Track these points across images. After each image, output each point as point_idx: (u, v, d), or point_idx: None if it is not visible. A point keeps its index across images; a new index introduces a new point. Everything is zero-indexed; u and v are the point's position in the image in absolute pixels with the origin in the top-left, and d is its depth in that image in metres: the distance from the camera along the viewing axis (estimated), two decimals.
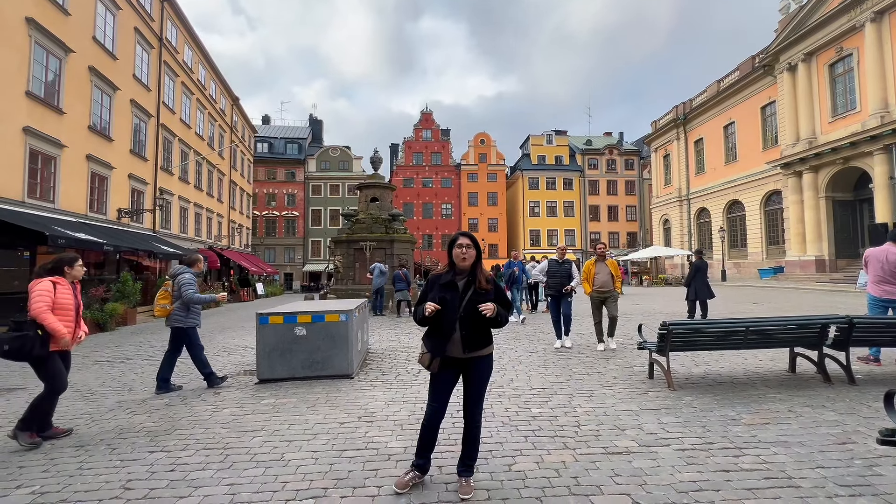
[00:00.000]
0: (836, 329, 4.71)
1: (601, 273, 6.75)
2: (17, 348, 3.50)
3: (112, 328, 11.24)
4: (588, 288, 6.82)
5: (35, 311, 3.52)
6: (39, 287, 3.61)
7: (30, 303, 3.55)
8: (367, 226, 15.27)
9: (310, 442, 3.39)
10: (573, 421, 3.74)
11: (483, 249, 2.88)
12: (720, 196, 29.55)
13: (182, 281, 5.04)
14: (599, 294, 6.73)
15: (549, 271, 7.16)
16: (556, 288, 6.97)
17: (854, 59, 19.89)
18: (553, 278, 7.03)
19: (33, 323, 3.54)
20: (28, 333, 3.51)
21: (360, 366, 5.86)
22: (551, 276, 7.06)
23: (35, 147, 11.65)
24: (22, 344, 3.50)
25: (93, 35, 14.24)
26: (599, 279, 6.73)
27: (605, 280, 6.68)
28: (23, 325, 3.55)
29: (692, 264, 9.94)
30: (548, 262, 7.29)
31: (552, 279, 7.05)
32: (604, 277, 6.70)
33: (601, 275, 6.73)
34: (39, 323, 3.54)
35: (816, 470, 2.77)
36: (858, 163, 19.65)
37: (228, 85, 29.29)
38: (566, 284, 6.90)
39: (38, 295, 3.57)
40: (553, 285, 7.02)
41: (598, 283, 6.72)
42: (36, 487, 2.76)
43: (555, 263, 7.10)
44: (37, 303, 3.54)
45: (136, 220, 17.16)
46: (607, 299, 6.72)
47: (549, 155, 47.20)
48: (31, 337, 3.51)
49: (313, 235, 45.02)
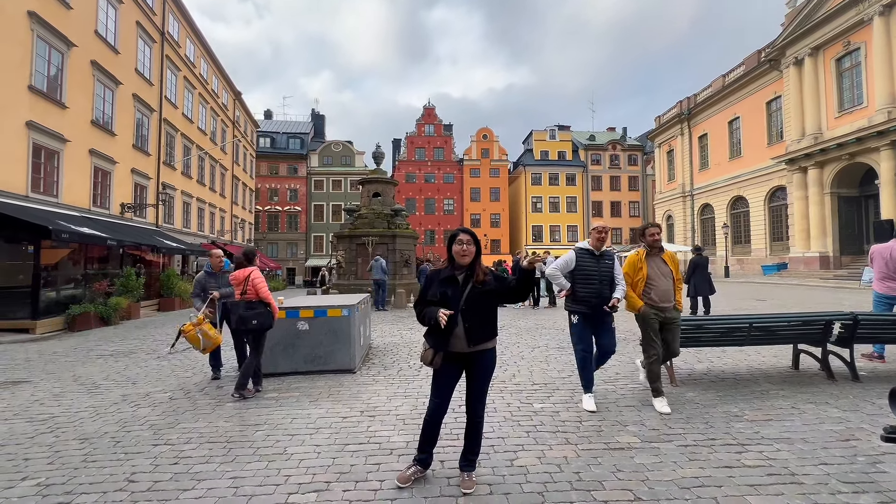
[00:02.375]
0: (841, 326, 4.69)
1: (657, 275, 3.96)
2: (261, 323, 4.42)
3: (116, 322, 11.30)
4: (636, 301, 3.98)
5: (264, 294, 4.47)
6: (256, 274, 4.52)
7: (254, 286, 4.42)
8: (370, 221, 15.26)
9: (312, 436, 3.41)
10: (575, 416, 3.74)
11: (485, 245, 2.87)
12: (724, 192, 29.37)
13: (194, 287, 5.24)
14: (657, 312, 3.93)
15: (577, 269, 3.96)
16: (592, 300, 3.85)
17: (861, 54, 19.66)
18: (584, 282, 3.90)
19: (262, 303, 4.44)
20: (265, 311, 4.44)
21: (362, 361, 5.88)
22: (582, 279, 3.92)
23: (38, 141, 11.66)
24: (264, 319, 4.44)
25: (95, 29, 14.20)
26: (656, 285, 3.94)
27: (667, 289, 3.94)
28: (255, 305, 4.42)
29: (690, 261, 9.93)
30: (575, 255, 4.01)
31: (583, 283, 3.90)
32: (663, 283, 3.94)
33: (658, 279, 3.95)
34: (267, 302, 4.46)
35: (819, 466, 2.76)
36: (864, 158, 19.48)
37: (231, 79, 29.22)
38: (608, 294, 3.86)
39: (261, 280, 4.50)
40: (585, 295, 3.87)
41: (658, 292, 3.92)
42: (41, 479, 2.79)
43: (588, 257, 3.98)
44: (263, 287, 4.48)
45: (140, 215, 17.19)
46: (667, 322, 3.96)
47: (552, 150, 46.96)
48: (268, 313, 4.47)
49: (315, 231, 45.05)
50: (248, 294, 4.43)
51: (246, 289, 4.43)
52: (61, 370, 6.02)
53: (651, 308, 3.95)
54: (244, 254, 4.66)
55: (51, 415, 4.08)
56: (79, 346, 8.05)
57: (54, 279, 11.26)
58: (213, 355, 5.26)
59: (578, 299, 3.92)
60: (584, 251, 4.03)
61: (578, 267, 3.96)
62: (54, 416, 4.05)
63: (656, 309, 3.95)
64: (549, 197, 45.94)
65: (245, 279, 4.45)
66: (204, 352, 4.85)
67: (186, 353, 7.08)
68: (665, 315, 3.95)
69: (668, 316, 3.96)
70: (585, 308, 3.89)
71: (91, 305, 10.88)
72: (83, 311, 10.55)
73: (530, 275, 2.62)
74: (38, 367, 6.32)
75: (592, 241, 4.06)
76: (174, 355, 6.86)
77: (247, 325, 4.36)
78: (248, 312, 4.36)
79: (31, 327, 9.67)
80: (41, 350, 7.77)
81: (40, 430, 3.69)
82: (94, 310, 10.79)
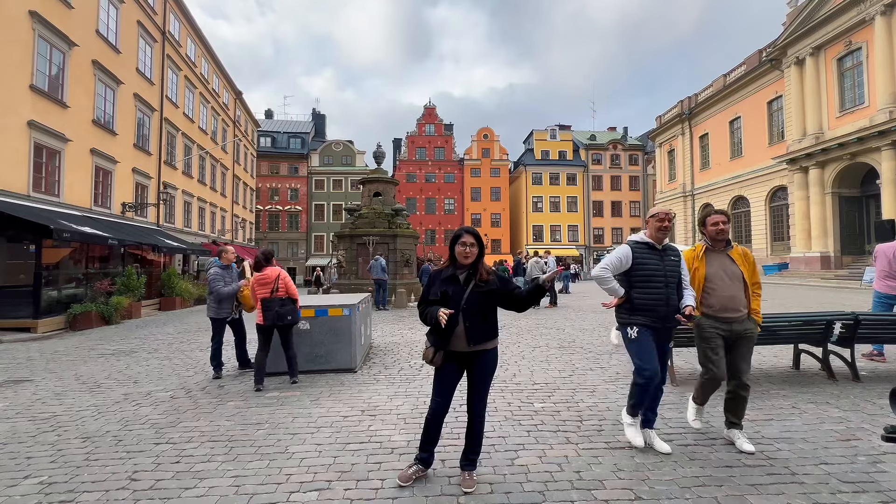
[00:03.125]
0: (842, 326, 4.69)
1: (720, 276, 3.10)
2: (294, 318, 4.91)
3: (117, 321, 11.32)
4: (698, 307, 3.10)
5: (294, 291, 4.97)
6: (285, 273, 4.99)
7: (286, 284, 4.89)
8: (370, 221, 15.26)
9: (314, 435, 3.41)
10: (576, 416, 3.74)
11: (486, 245, 2.87)
12: (725, 192, 29.34)
13: (210, 276, 5.38)
14: (717, 324, 3.07)
15: (634, 269, 3.03)
16: (659, 307, 2.95)
17: (863, 53, 19.62)
18: (645, 285, 2.99)
19: (291, 299, 4.90)
20: (295, 307, 4.92)
21: (363, 360, 5.89)
22: (642, 281, 3.00)
23: (40, 141, 11.68)
24: (296, 315, 4.94)
25: (96, 29, 14.22)
26: (717, 290, 3.08)
27: (733, 294, 3.06)
28: (287, 302, 4.85)
29: None
30: (630, 251, 3.07)
31: (643, 287, 2.99)
32: (727, 287, 3.07)
33: (721, 281, 3.09)
34: (295, 298, 4.95)
35: (820, 466, 2.77)
36: (866, 158, 19.45)
37: (231, 79, 29.24)
38: (676, 300, 2.99)
39: (290, 279, 4.98)
40: (648, 301, 2.97)
41: (718, 298, 3.07)
42: (44, 478, 2.79)
43: (647, 252, 3.06)
44: (292, 285, 4.97)
45: (141, 214, 17.22)
46: (735, 337, 3.07)
47: (553, 150, 46.94)
48: (297, 309, 4.97)
49: (316, 230, 45.08)
50: (280, 292, 4.85)
51: (277, 286, 4.84)
52: (63, 369, 6.04)
53: (708, 318, 3.07)
54: (263, 254, 5.04)
55: (53, 413, 4.09)
56: (80, 345, 8.07)
57: (56, 278, 11.28)
58: (215, 355, 5.34)
59: (639, 307, 2.97)
60: (642, 245, 3.08)
61: (637, 265, 3.01)
62: (56, 414, 4.06)
63: (716, 319, 3.04)
64: (549, 196, 45.93)
65: (276, 278, 4.87)
66: (250, 311, 5.46)
67: (187, 352, 7.10)
68: (731, 328, 3.03)
69: (736, 329, 3.04)
70: (650, 319, 2.94)
71: (92, 305, 10.90)
72: (84, 310, 10.57)
73: (543, 291, 2.65)
74: (39, 366, 6.33)
75: (651, 232, 3.08)
76: (175, 355, 6.89)
77: (283, 320, 4.77)
78: (283, 309, 4.78)
79: (33, 326, 9.69)
80: (43, 349, 7.79)
81: (42, 428, 3.70)
82: (95, 309, 10.81)
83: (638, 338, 2.99)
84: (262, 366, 4.77)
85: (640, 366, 2.96)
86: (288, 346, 4.92)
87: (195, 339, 8.43)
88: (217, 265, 5.45)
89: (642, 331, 2.98)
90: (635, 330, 3.01)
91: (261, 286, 4.87)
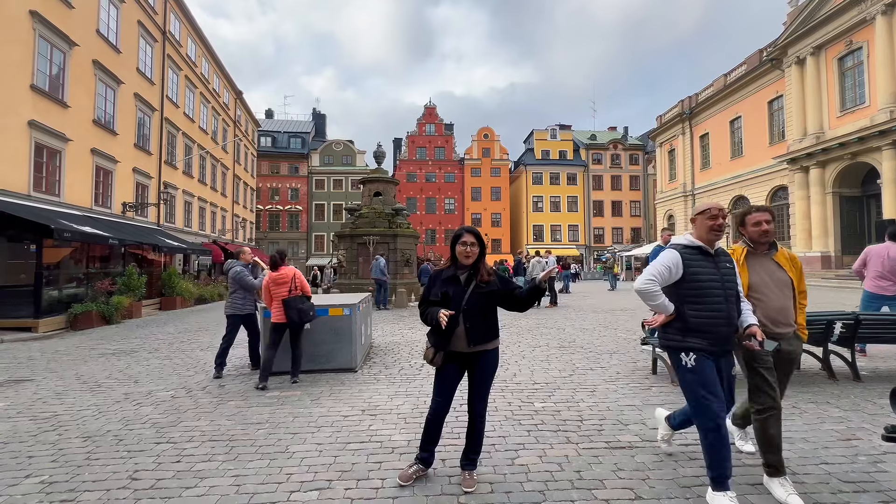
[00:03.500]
0: (842, 325, 4.68)
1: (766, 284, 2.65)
2: (315, 316, 5.06)
3: (118, 321, 11.32)
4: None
5: (308, 290, 5.11)
6: (299, 273, 5.10)
7: (301, 283, 5.02)
8: (371, 220, 15.27)
9: (314, 434, 3.42)
10: (576, 416, 3.74)
11: (487, 245, 2.87)
12: (725, 191, 29.30)
13: (236, 272, 5.47)
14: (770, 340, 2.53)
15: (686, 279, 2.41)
16: (720, 327, 2.37)
17: (864, 53, 19.60)
18: (699, 299, 2.39)
19: (307, 297, 5.05)
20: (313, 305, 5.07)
21: (363, 360, 5.89)
22: (695, 294, 2.39)
23: (40, 141, 11.69)
24: (315, 311, 5.05)
25: (96, 28, 14.22)
26: (764, 299, 2.62)
27: (782, 306, 2.62)
28: (305, 300, 4.98)
29: None
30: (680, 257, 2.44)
31: (697, 301, 2.39)
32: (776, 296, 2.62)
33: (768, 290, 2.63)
34: (309, 296, 5.11)
35: (821, 466, 2.77)
36: (866, 158, 19.43)
37: (232, 79, 29.24)
38: (736, 318, 2.42)
39: (304, 278, 5.12)
40: (705, 320, 2.36)
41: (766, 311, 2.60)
42: (45, 477, 2.80)
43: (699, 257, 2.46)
44: (307, 284, 5.10)
45: (141, 214, 17.23)
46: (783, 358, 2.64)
47: (553, 149, 46.93)
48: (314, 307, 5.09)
49: (316, 230, 45.10)
50: (296, 291, 4.97)
51: (295, 285, 4.96)
52: (64, 369, 6.04)
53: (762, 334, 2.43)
54: (279, 254, 5.16)
55: (54, 413, 4.09)
56: (81, 345, 8.08)
57: (56, 278, 11.29)
58: (223, 353, 5.41)
59: (694, 328, 2.35)
60: (693, 250, 2.45)
61: (689, 275, 2.39)
62: (57, 414, 4.06)
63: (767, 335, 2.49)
64: (550, 196, 45.93)
65: (293, 277, 4.98)
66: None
67: (188, 352, 7.10)
68: (779, 345, 2.52)
69: (784, 347, 2.56)
70: (709, 341, 2.34)
71: (93, 304, 10.90)
72: (85, 309, 10.58)
73: (542, 291, 2.66)
74: (40, 365, 6.34)
75: (701, 233, 2.47)
76: (175, 354, 6.90)
77: (305, 317, 4.91)
78: (304, 306, 4.93)
79: (34, 326, 9.70)
80: (43, 348, 7.80)
81: (43, 428, 3.70)
82: (96, 308, 10.82)
83: (697, 366, 2.34)
84: (271, 364, 4.83)
85: (706, 404, 2.28)
86: (297, 345, 5.00)
87: (196, 339, 8.44)
88: (240, 264, 5.63)
89: (701, 357, 2.35)
90: (692, 357, 2.36)
91: (278, 285, 4.95)
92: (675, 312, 2.44)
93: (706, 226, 2.46)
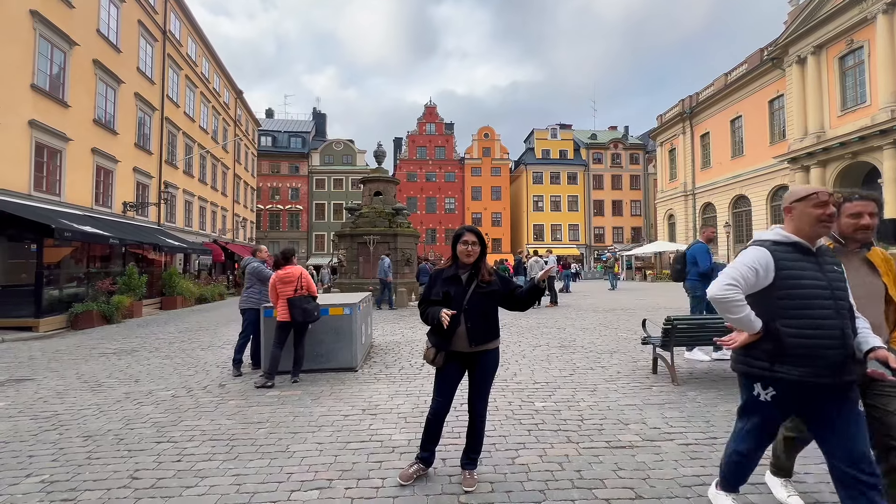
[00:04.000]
0: None
1: (854, 293, 1.89)
2: (320, 315, 5.10)
3: (118, 320, 11.34)
4: None
5: (314, 290, 5.08)
6: (305, 272, 5.08)
7: (308, 283, 4.99)
8: (371, 220, 15.27)
9: (314, 434, 3.42)
10: (576, 415, 3.74)
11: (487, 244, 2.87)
12: (726, 191, 29.30)
13: (254, 267, 5.58)
14: None
15: (778, 284, 1.84)
16: (829, 351, 1.74)
17: (865, 52, 19.57)
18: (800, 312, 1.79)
19: (310, 297, 5.01)
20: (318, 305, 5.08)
21: (364, 359, 5.89)
22: (795, 305, 1.80)
23: (41, 140, 11.69)
24: (319, 312, 5.06)
25: (97, 28, 14.21)
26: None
27: (875, 321, 1.96)
28: (310, 299, 4.98)
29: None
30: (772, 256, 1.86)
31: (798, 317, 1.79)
32: (869, 311, 1.95)
33: (857, 300, 1.90)
34: (315, 296, 5.09)
35: (821, 465, 2.76)
36: (867, 157, 19.41)
37: (232, 78, 29.24)
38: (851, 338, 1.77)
39: (310, 277, 5.11)
40: (809, 341, 1.76)
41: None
42: (46, 476, 2.80)
43: (798, 257, 1.86)
44: (313, 284, 5.08)
45: (142, 214, 17.23)
46: (875, 391, 1.96)
47: (554, 149, 46.89)
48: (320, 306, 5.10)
49: (317, 229, 45.09)
50: (302, 290, 4.97)
51: (301, 284, 4.95)
52: (65, 368, 6.05)
53: None
54: (283, 253, 5.16)
55: (54, 412, 4.10)
56: (82, 344, 8.08)
57: (57, 277, 11.30)
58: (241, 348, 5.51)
59: (792, 350, 1.80)
60: (788, 247, 1.90)
61: (784, 279, 1.84)
62: (58, 413, 4.07)
63: None
64: (550, 196, 45.88)
65: (299, 277, 4.97)
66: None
67: (188, 351, 7.11)
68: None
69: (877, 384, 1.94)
70: (814, 369, 1.77)
71: (94, 304, 10.91)
72: (86, 309, 10.59)
73: (541, 290, 2.69)
74: (41, 364, 6.34)
75: (802, 224, 1.89)
76: (176, 354, 6.90)
77: (309, 317, 4.92)
78: (309, 306, 4.92)
79: (35, 325, 9.71)
80: (44, 348, 7.81)
81: (44, 427, 3.71)
82: (96, 308, 10.83)
83: (770, 402, 1.87)
84: (278, 362, 4.86)
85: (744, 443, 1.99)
86: (300, 344, 5.01)
87: (196, 339, 8.44)
88: (257, 259, 5.74)
89: (780, 395, 1.85)
90: (770, 391, 1.86)
91: (284, 284, 4.94)
92: (762, 330, 1.86)
93: (812, 216, 1.85)
